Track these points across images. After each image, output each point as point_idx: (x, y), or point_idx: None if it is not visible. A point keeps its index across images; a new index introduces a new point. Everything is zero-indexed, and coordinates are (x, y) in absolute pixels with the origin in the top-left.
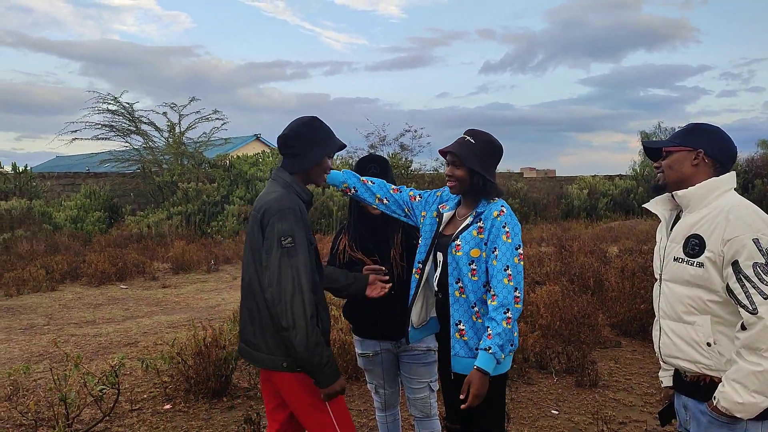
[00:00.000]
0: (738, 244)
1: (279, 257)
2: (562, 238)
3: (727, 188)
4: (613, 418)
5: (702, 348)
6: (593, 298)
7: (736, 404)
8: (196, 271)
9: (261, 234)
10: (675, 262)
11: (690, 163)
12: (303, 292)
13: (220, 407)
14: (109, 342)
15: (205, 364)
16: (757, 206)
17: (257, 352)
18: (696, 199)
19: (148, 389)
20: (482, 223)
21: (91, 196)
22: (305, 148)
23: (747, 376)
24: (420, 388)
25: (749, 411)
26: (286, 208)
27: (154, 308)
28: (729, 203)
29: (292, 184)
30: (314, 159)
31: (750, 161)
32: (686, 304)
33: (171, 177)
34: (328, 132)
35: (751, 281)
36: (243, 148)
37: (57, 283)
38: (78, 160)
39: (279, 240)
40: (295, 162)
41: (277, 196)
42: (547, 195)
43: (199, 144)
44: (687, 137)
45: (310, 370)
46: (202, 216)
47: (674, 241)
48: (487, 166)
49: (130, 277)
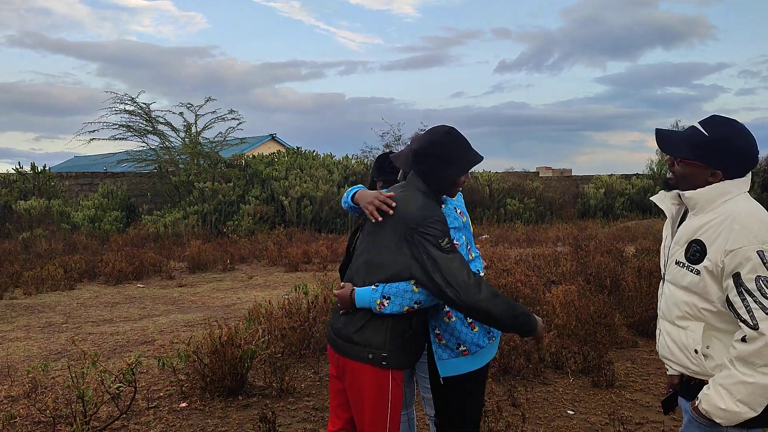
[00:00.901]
0: (741, 256)
1: (445, 258)
2: (579, 238)
3: (738, 192)
4: (629, 419)
5: (691, 354)
6: (610, 298)
7: (717, 409)
8: (212, 271)
9: (405, 242)
10: (676, 266)
11: (705, 178)
12: (475, 279)
13: (236, 406)
14: (126, 340)
15: (221, 363)
16: (763, 211)
17: (345, 342)
18: (703, 202)
19: (165, 387)
20: None
21: (108, 196)
22: (440, 167)
23: (736, 384)
24: None
25: (729, 419)
26: (436, 216)
27: (171, 307)
28: (737, 210)
29: (429, 194)
30: (450, 178)
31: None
32: (682, 308)
33: (187, 177)
34: (464, 148)
35: (753, 295)
36: (258, 148)
37: (75, 282)
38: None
39: (439, 244)
40: (429, 176)
41: (421, 204)
42: (563, 194)
43: (215, 144)
44: (707, 153)
45: (521, 332)
46: (218, 215)
47: (678, 243)
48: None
49: (146, 276)
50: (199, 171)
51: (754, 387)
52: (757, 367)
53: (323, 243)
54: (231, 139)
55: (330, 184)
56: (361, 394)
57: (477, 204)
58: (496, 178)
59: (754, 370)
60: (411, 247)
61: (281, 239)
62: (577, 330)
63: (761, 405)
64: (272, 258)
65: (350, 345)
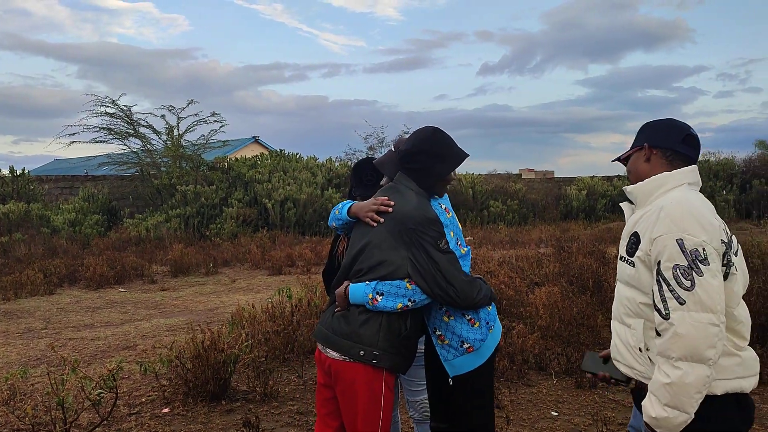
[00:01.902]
0: (661, 244)
1: (446, 258)
2: (561, 239)
3: (677, 184)
4: (612, 419)
5: (636, 353)
6: (592, 299)
7: (651, 419)
8: (195, 274)
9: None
10: (620, 261)
11: (642, 160)
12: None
13: (219, 410)
14: (107, 346)
15: (204, 368)
16: (701, 206)
17: (338, 337)
18: (642, 195)
19: (147, 393)
20: None
21: (89, 199)
22: (429, 164)
23: (659, 388)
24: (419, 390)
25: (666, 427)
26: (431, 216)
27: (153, 311)
28: (668, 199)
29: (419, 194)
30: (439, 174)
31: (748, 161)
32: (625, 305)
33: (169, 180)
34: (451, 145)
35: (669, 284)
36: (241, 150)
37: (55, 287)
38: (76, 163)
39: (437, 244)
40: (419, 175)
41: (416, 204)
42: (546, 196)
43: (198, 146)
44: (636, 139)
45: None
46: (201, 219)
47: (623, 238)
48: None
49: (128, 281)
50: (182, 174)
51: (674, 387)
52: (673, 361)
53: (307, 246)
54: (213, 141)
55: (314, 186)
56: (354, 398)
57: (460, 206)
58: (479, 180)
59: (671, 366)
60: (409, 247)
61: (265, 242)
62: (561, 331)
63: (691, 405)
64: (255, 261)
65: (341, 340)
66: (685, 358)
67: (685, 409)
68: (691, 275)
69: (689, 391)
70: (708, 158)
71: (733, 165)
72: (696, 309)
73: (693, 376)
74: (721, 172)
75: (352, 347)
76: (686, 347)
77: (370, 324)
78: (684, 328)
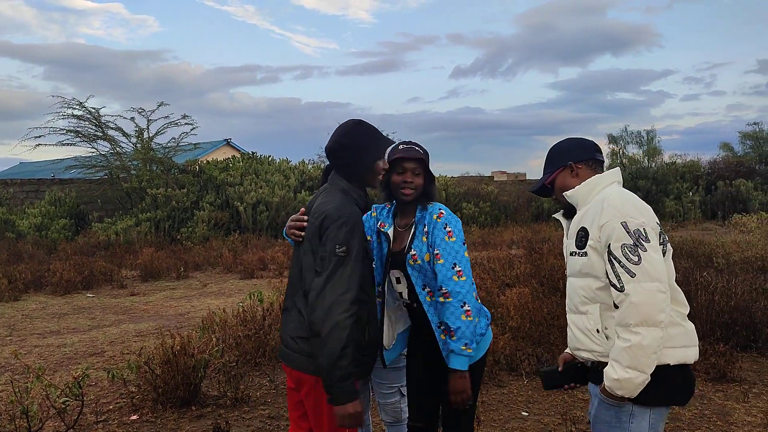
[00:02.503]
0: (609, 228)
1: (332, 265)
2: (533, 241)
3: (609, 182)
4: (581, 419)
5: (594, 335)
6: (563, 300)
7: (614, 381)
8: (166, 279)
9: (319, 240)
10: (571, 257)
11: (570, 176)
12: (345, 302)
13: (189, 416)
14: (74, 352)
15: (174, 373)
16: (634, 196)
17: (294, 353)
18: (582, 196)
19: (115, 400)
20: (426, 227)
21: (56, 203)
22: (355, 157)
23: (620, 352)
24: (391, 393)
25: (627, 388)
26: (346, 216)
27: (122, 317)
28: (606, 193)
29: (350, 191)
30: (365, 166)
31: (713, 164)
32: (580, 294)
33: (139, 183)
34: (375, 135)
35: (620, 261)
36: (213, 153)
37: (20, 293)
38: (42, 167)
39: (334, 248)
40: (348, 170)
41: (338, 204)
42: (518, 198)
43: (168, 149)
44: (552, 163)
45: (329, 383)
46: (172, 222)
47: (570, 237)
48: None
49: (97, 286)
50: (152, 177)
51: (634, 349)
52: (631, 327)
53: (279, 249)
54: (185, 144)
55: (286, 189)
56: (318, 405)
57: None
58: (452, 182)
59: (630, 332)
60: (323, 236)
61: (236, 246)
62: (531, 332)
63: (648, 366)
64: (227, 265)
65: (300, 357)
66: (641, 323)
67: (644, 369)
68: (637, 251)
69: (647, 352)
70: (675, 160)
71: (698, 167)
72: (645, 279)
73: (649, 338)
74: (687, 174)
75: (311, 363)
76: (641, 313)
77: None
78: (637, 296)
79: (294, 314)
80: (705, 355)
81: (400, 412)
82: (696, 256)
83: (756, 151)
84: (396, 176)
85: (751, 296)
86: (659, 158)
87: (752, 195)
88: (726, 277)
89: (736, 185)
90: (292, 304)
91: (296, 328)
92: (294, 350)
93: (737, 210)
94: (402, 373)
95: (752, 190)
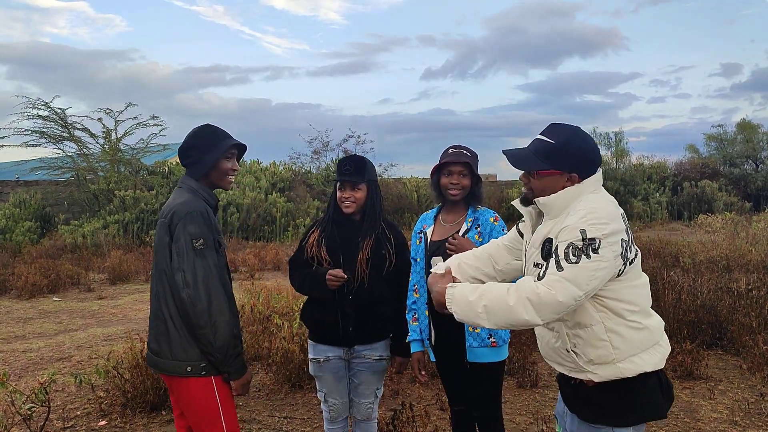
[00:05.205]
0: (567, 230)
1: (193, 259)
2: None
3: (589, 191)
4: (552, 418)
5: (563, 353)
6: None
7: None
8: (134, 282)
9: (170, 237)
10: (535, 268)
11: (562, 184)
12: (218, 289)
13: (159, 421)
14: (39, 357)
15: (143, 377)
16: (607, 202)
17: (161, 358)
18: (558, 206)
19: (82, 405)
20: (480, 228)
21: (20, 205)
22: (199, 156)
23: (496, 297)
24: (367, 394)
25: (461, 314)
26: (194, 211)
27: (90, 321)
28: (581, 202)
29: (198, 189)
30: (209, 164)
31: (679, 165)
32: None
33: (107, 185)
34: (219, 136)
35: (558, 255)
36: None
37: None
38: (6, 168)
39: (191, 242)
40: (195, 169)
41: (184, 201)
42: (489, 199)
43: (137, 151)
44: (558, 159)
45: (225, 361)
46: (140, 224)
47: (533, 245)
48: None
49: (63, 289)
50: (120, 179)
51: (503, 305)
52: (525, 297)
53: (250, 251)
54: (153, 145)
55: (257, 191)
56: (191, 406)
57: (405, 210)
58: (424, 184)
59: (520, 298)
60: (173, 233)
61: None
62: None
63: (495, 324)
64: None
65: (167, 362)
66: (531, 304)
67: (489, 318)
68: (580, 255)
69: (505, 316)
70: (642, 162)
71: (665, 168)
72: (568, 277)
73: (519, 315)
74: (654, 175)
75: (178, 366)
76: (541, 302)
77: (187, 341)
78: (548, 286)
79: (159, 318)
80: (672, 353)
81: (372, 412)
82: (663, 255)
83: (720, 152)
84: (444, 178)
85: (717, 295)
86: (627, 160)
87: (717, 196)
88: (692, 277)
89: (701, 186)
90: (158, 307)
91: (164, 333)
92: (161, 356)
93: (703, 210)
94: (381, 377)
95: (717, 191)
